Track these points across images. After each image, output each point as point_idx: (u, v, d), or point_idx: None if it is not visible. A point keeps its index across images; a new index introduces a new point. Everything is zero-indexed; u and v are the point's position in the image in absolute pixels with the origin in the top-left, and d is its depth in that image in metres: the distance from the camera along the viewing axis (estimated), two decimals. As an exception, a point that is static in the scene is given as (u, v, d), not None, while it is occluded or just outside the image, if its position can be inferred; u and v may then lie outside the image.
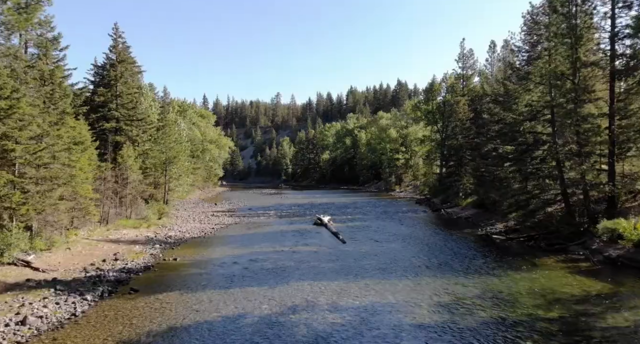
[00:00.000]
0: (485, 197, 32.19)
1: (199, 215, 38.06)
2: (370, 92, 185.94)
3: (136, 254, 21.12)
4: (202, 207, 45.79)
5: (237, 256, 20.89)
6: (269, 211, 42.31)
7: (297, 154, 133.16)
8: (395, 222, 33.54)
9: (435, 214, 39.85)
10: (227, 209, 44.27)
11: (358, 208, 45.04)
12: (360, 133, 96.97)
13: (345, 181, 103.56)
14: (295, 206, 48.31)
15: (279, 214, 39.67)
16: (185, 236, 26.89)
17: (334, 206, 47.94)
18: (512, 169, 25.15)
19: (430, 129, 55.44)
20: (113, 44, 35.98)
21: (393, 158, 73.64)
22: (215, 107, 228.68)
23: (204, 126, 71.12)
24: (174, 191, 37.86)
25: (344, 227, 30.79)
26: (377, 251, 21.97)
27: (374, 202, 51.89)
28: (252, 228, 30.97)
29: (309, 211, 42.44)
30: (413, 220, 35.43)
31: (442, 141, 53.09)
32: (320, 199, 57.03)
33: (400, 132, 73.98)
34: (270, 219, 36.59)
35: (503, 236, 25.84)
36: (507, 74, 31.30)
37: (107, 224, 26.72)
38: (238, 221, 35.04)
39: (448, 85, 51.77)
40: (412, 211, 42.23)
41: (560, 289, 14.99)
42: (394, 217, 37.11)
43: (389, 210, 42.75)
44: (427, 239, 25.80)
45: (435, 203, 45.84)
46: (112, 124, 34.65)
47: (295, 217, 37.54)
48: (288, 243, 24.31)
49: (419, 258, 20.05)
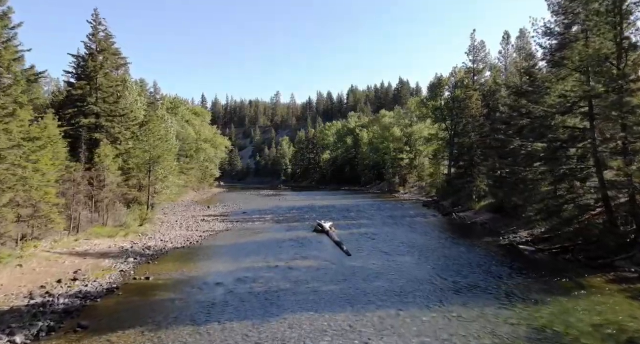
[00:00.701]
0: (506, 200, 28.83)
1: (187, 220, 34.69)
2: (371, 91, 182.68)
3: (102, 271, 17.77)
4: (193, 211, 42.44)
5: (222, 274, 17.54)
6: (265, 215, 38.96)
7: (296, 153, 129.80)
8: (404, 229, 30.21)
9: (446, 218, 36.50)
10: (220, 213, 40.91)
11: (361, 211, 41.70)
12: (362, 132, 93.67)
13: (346, 181, 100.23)
14: (293, 209, 44.97)
15: (276, 219, 36.31)
16: (167, 246, 23.53)
17: (335, 209, 44.61)
18: (543, 170, 21.76)
19: (437, 127, 52.10)
20: (92, 32, 32.65)
21: (396, 158, 70.31)
22: (213, 106, 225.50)
23: (198, 124, 67.74)
24: (160, 193, 34.51)
25: (348, 234, 27.47)
26: (388, 266, 18.62)
27: (377, 205, 48.56)
28: (245, 236, 27.62)
29: (309, 214, 39.11)
30: (423, 226, 32.09)
31: (450, 140, 49.81)
32: (321, 201, 53.70)
33: (404, 131, 70.61)
34: (266, 224, 33.23)
35: (531, 247, 22.51)
36: (529, 64, 27.95)
37: (78, 233, 23.37)
38: (230, 227, 31.69)
39: (457, 79, 48.45)
40: (421, 215, 38.87)
41: (627, 324, 11.68)
42: (401, 222, 33.78)
43: (395, 214, 39.40)
44: (445, 251, 22.44)
45: (445, 206, 42.50)
46: (90, 120, 31.34)
47: (293, 222, 34.19)
48: (284, 256, 20.96)
49: (441, 278, 16.68)
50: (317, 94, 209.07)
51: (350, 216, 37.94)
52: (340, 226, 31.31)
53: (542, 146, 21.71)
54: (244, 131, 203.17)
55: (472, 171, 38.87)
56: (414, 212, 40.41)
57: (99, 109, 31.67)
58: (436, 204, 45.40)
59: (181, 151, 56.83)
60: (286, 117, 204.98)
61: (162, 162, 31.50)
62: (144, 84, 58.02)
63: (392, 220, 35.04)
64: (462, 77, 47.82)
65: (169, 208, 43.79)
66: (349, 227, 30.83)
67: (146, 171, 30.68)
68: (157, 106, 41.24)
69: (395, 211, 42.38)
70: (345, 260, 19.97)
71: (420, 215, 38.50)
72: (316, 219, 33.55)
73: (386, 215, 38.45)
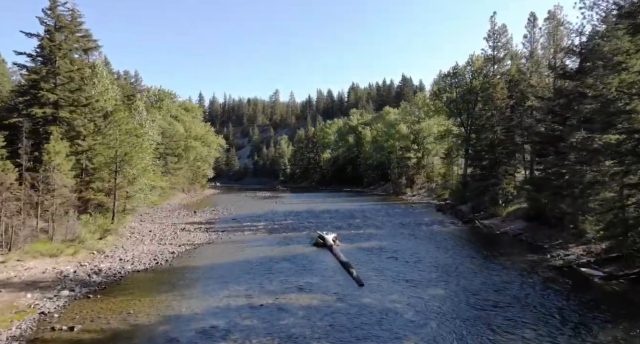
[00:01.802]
0: (549, 207, 23.57)
1: (165, 230, 29.43)
2: (372, 88, 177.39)
3: (15, 313, 12.54)
4: (176, 217, 37.16)
5: (181, 320, 12.31)
6: (257, 223, 33.70)
7: (295, 153, 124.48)
8: (423, 241, 25.00)
9: (469, 227, 31.26)
10: (206, 220, 35.65)
11: (368, 217, 36.44)
12: (365, 130, 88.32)
13: (348, 182, 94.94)
14: (291, 214, 39.70)
15: (270, 228, 31.06)
16: (124, 268, 18.26)
17: (337, 214, 39.36)
18: (616, 170, 16.49)
19: (451, 123, 46.84)
20: (50, 5, 27.39)
21: (403, 157, 65.00)
22: (211, 104, 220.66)
23: (189, 120, 62.43)
24: (133, 197, 29.26)
25: (356, 250, 22.28)
26: (416, 305, 13.37)
27: (385, 209, 43.30)
28: (228, 253, 22.38)
29: (308, 221, 33.88)
30: (444, 237, 26.87)
31: (466, 136, 44.57)
32: (321, 205, 48.47)
33: (411, 128, 65.24)
34: (257, 235, 27.99)
35: (597, 271, 17.24)
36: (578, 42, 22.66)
37: (10, 252, 18.12)
38: (214, 238, 26.44)
39: (475, 69, 43.21)
40: (437, 222, 33.60)
41: None
42: (418, 232, 28.57)
43: (407, 221, 34.16)
44: (484, 276, 17.17)
45: (464, 212, 37.24)
46: (46, 111, 26.08)
47: (289, 232, 28.94)
48: (274, 286, 15.71)
49: (501, 328, 11.42)
50: (317, 92, 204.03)
51: (356, 224, 32.69)
52: (346, 237, 26.08)
53: (616, 138, 16.43)
54: (242, 130, 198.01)
55: (497, 171, 33.61)
56: (429, 219, 35.13)
57: (56, 97, 26.42)
58: (452, 209, 40.12)
59: (168, 149, 51.61)
60: (285, 116, 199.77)
61: (132, 160, 26.19)
62: (128, 77, 52.83)
63: (406, 229, 29.81)
64: (480, 66, 42.59)
65: (150, 214, 38.56)
66: (356, 240, 25.58)
67: (112, 172, 25.41)
68: (136, 98, 36.04)
69: (406, 217, 37.12)
70: (357, 294, 14.70)
71: (437, 222, 33.23)
72: (317, 229, 28.35)
73: (397, 222, 33.20)
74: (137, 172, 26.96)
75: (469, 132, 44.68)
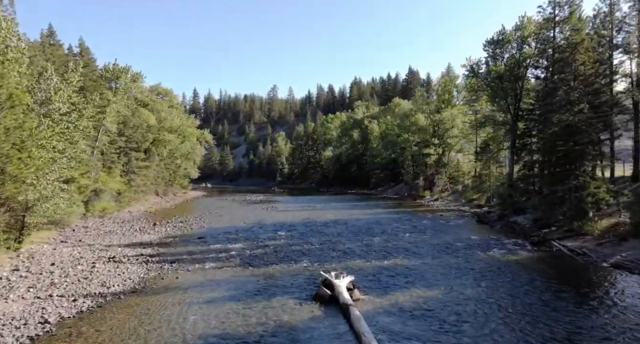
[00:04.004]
0: None
1: (82, 259, 18.96)
2: (377, 83, 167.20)
3: None
4: (120, 234, 26.68)
5: None
6: (232, 244, 23.31)
7: (294, 151, 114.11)
8: (495, 286, 14.60)
9: (547, 252, 20.85)
10: (162, 238, 25.24)
11: (391, 234, 26.10)
12: (372, 124, 77.94)
13: (352, 183, 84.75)
14: (283, 228, 29.35)
15: (248, 255, 20.68)
16: None
17: (346, 227, 29.04)
18: None
19: (494, 107, 36.39)
20: None
21: (421, 154, 54.54)
22: (206, 101, 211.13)
23: (164, 109, 51.95)
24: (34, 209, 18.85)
25: (389, 313, 11.98)
26: None
27: (408, 220, 32.94)
28: (157, 319, 11.98)
29: (306, 242, 23.55)
30: (520, 273, 16.47)
31: (513, 124, 34.23)
32: (324, 213, 38.15)
33: (431, 118, 54.71)
34: (224, 271, 17.57)
35: None
36: None
37: None
38: (150, 279, 16.08)
39: (526, 35, 32.78)
40: (492, 243, 23.20)
41: None
42: (474, 262, 18.24)
43: (447, 240, 23.83)
44: None
45: (522, 226, 26.92)
46: None
47: (277, 265, 18.52)
48: None
49: None
50: (317, 87, 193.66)
51: (377, 246, 22.28)
52: (366, 275, 15.80)
53: None
54: (238, 127, 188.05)
55: (579, 169, 23.21)
56: (478, 238, 24.72)
57: None
58: (501, 221, 29.76)
59: (130, 143, 41.17)
60: (284, 113, 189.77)
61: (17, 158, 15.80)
62: (85, 51, 42.41)
63: (454, 257, 19.46)
64: (534, 31, 32.19)
65: (89, 228, 28.22)
66: (384, 284, 15.17)
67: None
68: (69, 69, 25.70)
69: (443, 232, 26.74)
70: None
71: (494, 244, 22.81)
72: (319, 260, 18.08)
73: (436, 244, 22.83)
74: (29, 173, 16.53)
75: (515, 118, 34.30)
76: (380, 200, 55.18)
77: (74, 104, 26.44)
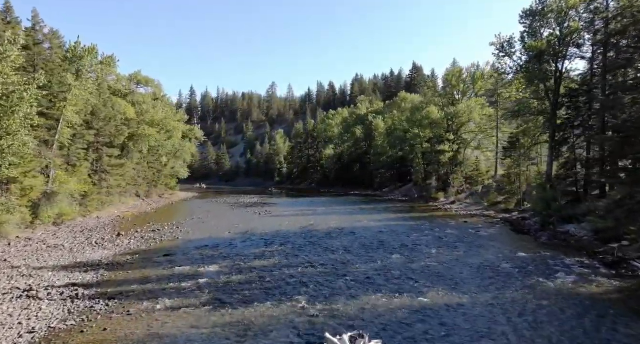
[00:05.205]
0: None
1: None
2: (379, 79, 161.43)
3: None
4: (68, 248, 20.99)
5: None
6: (206, 265, 17.63)
7: (293, 150, 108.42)
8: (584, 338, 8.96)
9: (633, 278, 15.22)
10: (119, 253, 19.59)
11: (411, 249, 20.45)
12: (377, 120, 72.26)
13: (355, 183, 79.06)
14: (275, 240, 23.70)
15: (223, 282, 15.04)
16: None
17: (354, 241, 23.37)
18: None
19: (527, 94, 30.64)
20: None
21: (434, 151, 48.83)
22: (203, 99, 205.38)
23: (147, 101, 46.30)
24: None
25: None
26: None
27: (429, 229, 27.27)
28: None
29: (302, 262, 17.91)
30: (609, 311, 10.79)
31: (553, 113, 28.62)
32: (326, 219, 32.50)
33: (445, 111, 48.94)
34: (182, 317, 11.90)
35: None
36: None
37: None
38: (67, 328, 10.52)
39: (571, 3, 27.11)
40: (552, 263, 17.56)
41: None
42: (539, 296, 12.67)
43: (489, 259, 18.20)
44: None
45: (578, 237, 21.30)
46: None
47: (261, 304, 12.85)
48: None
49: None
50: (317, 85, 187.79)
51: (398, 270, 16.59)
52: (393, 328, 10.06)
53: None
54: (235, 126, 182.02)
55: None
56: (529, 256, 19.01)
57: None
58: (545, 231, 24.10)
59: (101, 137, 35.47)
60: (283, 111, 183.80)
61: None
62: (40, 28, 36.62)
63: (510, 289, 13.85)
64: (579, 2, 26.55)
65: (33, 240, 22.55)
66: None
67: None
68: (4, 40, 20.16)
69: (478, 247, 21.07)
70: None
71: (555, 265, 17.16)
72: (317, 294, 12.49)
73: (477, 267, 17.17)
74: None
75: (554, 106, 28.65)
76: (389, 202, 49.48)
77: (12, 83, 20.90)
